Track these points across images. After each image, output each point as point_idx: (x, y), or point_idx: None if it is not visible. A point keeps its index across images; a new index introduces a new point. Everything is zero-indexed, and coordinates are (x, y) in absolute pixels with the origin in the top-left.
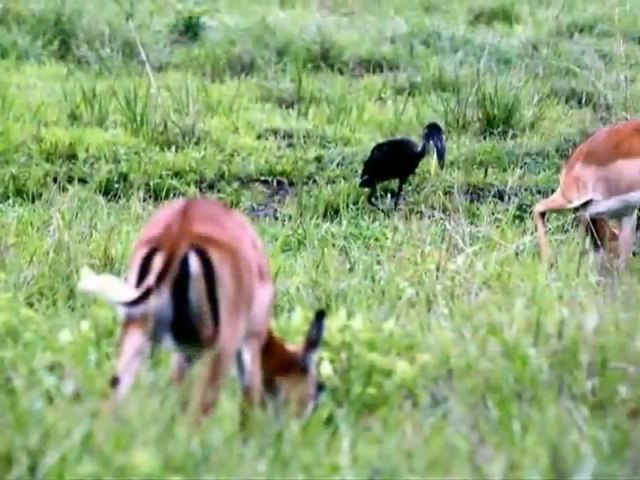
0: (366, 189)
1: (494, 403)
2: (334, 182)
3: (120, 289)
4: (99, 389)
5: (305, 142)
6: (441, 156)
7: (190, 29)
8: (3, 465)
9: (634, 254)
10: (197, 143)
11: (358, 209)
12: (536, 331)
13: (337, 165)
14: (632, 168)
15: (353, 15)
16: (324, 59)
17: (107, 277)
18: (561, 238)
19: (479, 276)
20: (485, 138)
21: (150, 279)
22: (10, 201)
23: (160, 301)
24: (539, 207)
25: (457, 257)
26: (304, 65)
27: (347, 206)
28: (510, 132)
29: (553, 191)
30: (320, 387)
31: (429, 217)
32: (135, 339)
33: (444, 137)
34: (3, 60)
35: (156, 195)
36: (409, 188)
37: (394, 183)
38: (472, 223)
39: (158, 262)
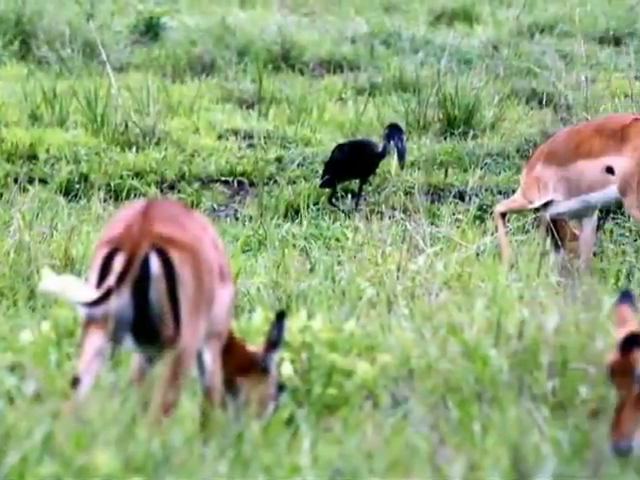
0: (327, 189)
1: (454, 403)
2: (295, 182)
3: (81, 289)
4: (60, 389)
5: (266, 142)
6: (402, 156)
7: (151, 29)
8: None
9: (594, 254)
10: (158, 143)
11: (319, 209)
12: (496, 331)
13: (298, 165)
14: (593, 169)
15: (314, 15)
16: (284, 59)
17: (68, 277)
18: (522, 239)
19: (440, 276)
20: (446, 139)
21: (111, 279)
22: None
23: (121, 301)
24: (500, 207)
25: (418, 257)
26: (264, 65)
27: (308, 206)
28: (471, 132)
29: (514, 192)
30: (281, 387)
31: (390, 217)
32: (96, 339)
33: (405, 137)
34: None
35: (117, 195)
36: (370, 188)
37: (355, 184)
38: (433, 223)
39: (119, 262)
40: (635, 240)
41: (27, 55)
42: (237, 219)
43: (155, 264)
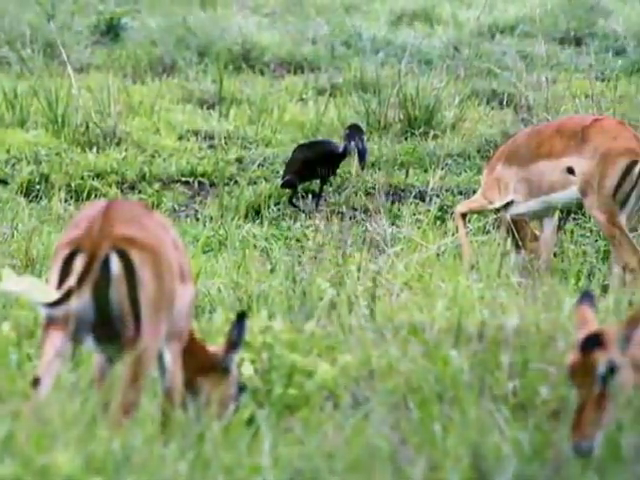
0: (287, 190)
1: (415, 404)
2: (255, 183)
3: (41, 290)
4: (20, 390)
5: (226, 143)
6: (362, 157)
7: (111, 30)
8: None
9: (555, 255)
10: (118, 144)
11: (279, 210)
12: (457, 332)
13: (258, 166)
14: (553, 169)
15: (274, 16)
16: (245, 60)
17: (28, 278)
18: (482, 239)
19: (400, 277)
20: (406, 139)
21: (71, 280)
22: None
23: (81, 302)
24: (460, 208)
25: (378, 258)
26: (225, 66)
27: (268, 207)
28: (431, 133)
29: (474, 192)
30: (241, 388)
31: (350, 218)
32: (56, 340)
33: (365, 138)
34: None
35: (77, 196)
36: (330, 189)
37: (315, 184)
38: (393, 224)
39: (79, 263)
40: (596, 241)
41: None
42: (198, 219)
43: (115, 265)
